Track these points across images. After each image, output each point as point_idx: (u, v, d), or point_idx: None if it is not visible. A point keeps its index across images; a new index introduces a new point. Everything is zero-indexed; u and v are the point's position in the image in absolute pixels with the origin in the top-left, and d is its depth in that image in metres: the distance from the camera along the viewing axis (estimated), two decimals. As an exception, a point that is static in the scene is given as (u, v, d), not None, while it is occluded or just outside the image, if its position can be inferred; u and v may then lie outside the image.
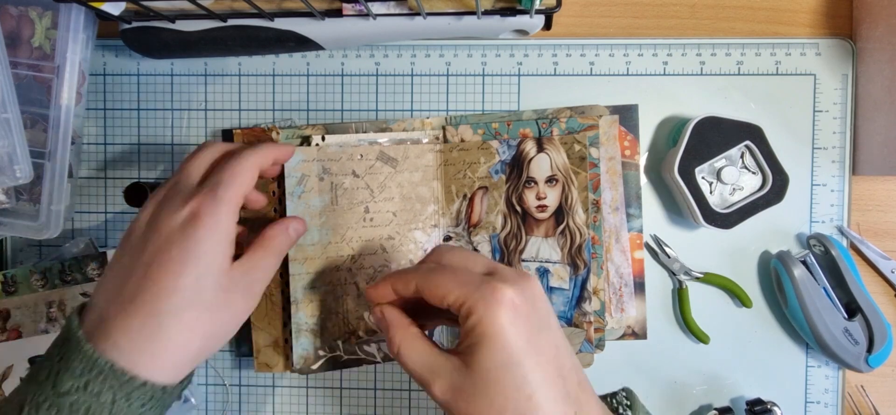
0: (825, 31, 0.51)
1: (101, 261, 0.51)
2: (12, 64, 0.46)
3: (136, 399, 0.34)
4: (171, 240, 0.36)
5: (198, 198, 0.37)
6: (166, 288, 0.35)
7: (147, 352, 0.34)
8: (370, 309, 0.40)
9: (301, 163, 0.45)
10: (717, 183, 0.48)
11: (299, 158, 0.45)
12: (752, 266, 0.51)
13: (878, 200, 0.51)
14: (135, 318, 0.34)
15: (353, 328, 0.49)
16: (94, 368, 0.33)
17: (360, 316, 0.49)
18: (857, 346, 0.48)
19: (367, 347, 0.49)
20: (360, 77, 0.52)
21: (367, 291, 0.40)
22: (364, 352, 0.49)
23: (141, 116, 0.53)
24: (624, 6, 0.52)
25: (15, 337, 0.52)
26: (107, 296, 0.36)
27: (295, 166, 0.44)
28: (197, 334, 0.36)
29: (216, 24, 0.48)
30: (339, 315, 0.49)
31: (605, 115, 0.50)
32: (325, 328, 0.49)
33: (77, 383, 0.33)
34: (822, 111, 0.50)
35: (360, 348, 0.49)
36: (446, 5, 0.47)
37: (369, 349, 0.49)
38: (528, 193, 0.49)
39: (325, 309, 0.49)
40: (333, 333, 0.49)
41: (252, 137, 0.52)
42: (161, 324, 0.35)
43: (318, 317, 0.48)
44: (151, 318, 0.35)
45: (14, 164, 0.43)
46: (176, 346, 0.35)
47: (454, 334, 0.51)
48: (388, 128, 0.51)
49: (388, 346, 0.38)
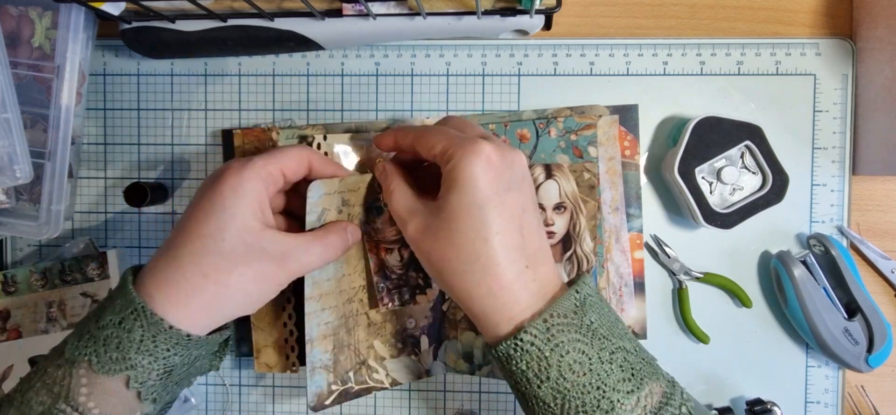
0: (825, 31, 0.51)
1: (101, 261, 0.51)
2: (12, 64, 0.46)
3: (161, 341, 0.37)
4: (201, 194, 0.39)
5: (232, 161, 0.40)
6: (190, 235, 0.38)
7: (172, 296, 0.37)
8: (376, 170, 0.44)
9: (323, 197, 0.43)
10: (717, 183, 0.48)
11: (321, 191, 0.43)
12: (752, 266, 0.51)
13: (878, 200, 0.51)
14: (163, 262, 0.38)
15: (363, 359, 0.48)
16: (130, 306, 0.37)
17: (370, 345, 0.48)
18: (857, 346, 0.48)
19: (376, 375, 0.49)
20: (360, 77, 0.52)
21: (375, 138, 0.44)
22: (373, 380, 0.49)
23: (141, 116, 0.53)
24: (624, 6, 0.52)
25: (15, 337, 0.52)
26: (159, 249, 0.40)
27: (316, 201, 0.43)
28: (212, 281, 0.38)
29: (216, 24, 0.48)
30: (351, 347, 0.48)
31: (605, 115, 0.50)
32: (339, 362, 0.47)
33: (114, 318, 0.37)
34: (822, 111, 0.50)
35: (369, 377, 0.49)
36: (446, 5, 0.47)
37: (378, 376, 0.49)
38: None
39: (339, 343, 0.47)
40: (346, 365, 0.48)
41: (252, 137, 0.51)
42: (180, 266, 0.38)
43: (332, 351, 0.47)
44: (174, 262, 0.38)
45: (14, 164, 0.43)
46: (193, 288, 0.37)
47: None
48: (388, 128, 0.51)
49: (385, 195, 0.42)
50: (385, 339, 0.49)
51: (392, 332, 0.49)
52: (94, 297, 0.51)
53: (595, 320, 0.36)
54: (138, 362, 0.36)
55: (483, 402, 0.52)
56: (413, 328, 0.49)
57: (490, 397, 0.52)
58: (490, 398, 0.52)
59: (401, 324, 0.49)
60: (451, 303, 0.50)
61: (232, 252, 0.38)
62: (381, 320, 0.49)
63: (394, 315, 0.49)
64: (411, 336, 0.49)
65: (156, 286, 0.38)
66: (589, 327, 0.36)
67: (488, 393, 0.52)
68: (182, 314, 0.37)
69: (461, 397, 0.53)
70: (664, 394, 0.36)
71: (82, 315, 0.51)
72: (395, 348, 0.49)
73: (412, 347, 0.50)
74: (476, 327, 0.39)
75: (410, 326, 0.49)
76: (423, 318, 0.49)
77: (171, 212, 0.53)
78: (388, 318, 0.49)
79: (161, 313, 0.37)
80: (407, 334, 0.49)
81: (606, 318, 0.37)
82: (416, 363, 0.50)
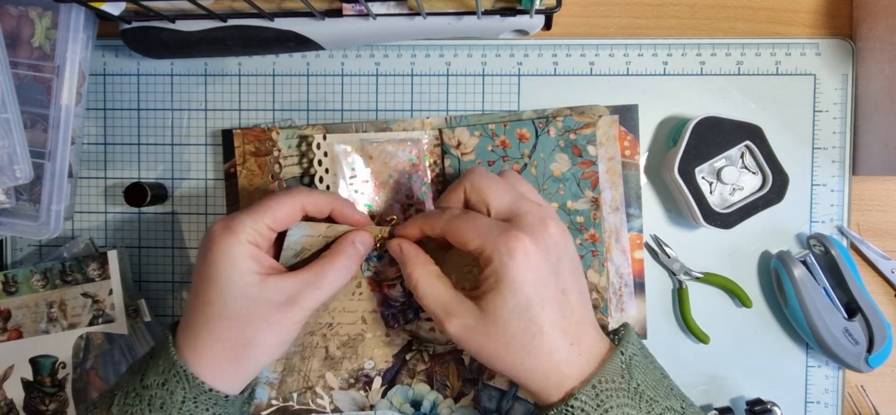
0: (825, 31, 0.51)
1: (101, 261, 0.51)
2: (12, 64, 0.46)
3: (202, 402, 0.38)
4: (198, 260, 0.41)
5: (220, 222, 0.40)
6: (200, 302, 0.40)
7: (206, 358, 0.39)
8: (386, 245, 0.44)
9: (305, 238, 0.43)
10: (717, 183, 0.48)
11: (304, 232, 0.42)
12: (752, 266, 0.51)
13: (878, 200, 0.51)
14: (194, 325, 0.40)
15: (310, 385, 0.50)
16: (172, 368, 0.38)
17: (321, 375, 0.50)
18: (857, 346, 0.48)
19: (319, 401, 0.50)
20: (360, 77, 0.52)
21: (397, 229, 0.44)
22: (316, 405, 0.50)
23: (141, 116, 0.53)
24: (624, 6, 0.52)
25: (15, 337, 0.52)
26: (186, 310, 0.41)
27: (297, 240, 0.42)
28: (229, 343, 0.39)
29: (216, 24, 0.48)
30: (301, 373, 0.50)
31: (605, 115, 0.50)
32: (285, 383, 0.50)
33: (158, 379, 0.38)
34: (822, 111, 0.50)
35: (312, 401, 0.50)
36: (446, 5, 0.47)
37: (322, 402, 0.50)
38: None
39: (290, 367, 0.50)
40: (291, 387, 0.50)
41: (252, 137, 0.51)
42: (198, 335, 0.39)
43: (281, 373, 0.49)
44: (193, 329, 0.40)
45: (14, 164, 0.43)
46: (215, 353, 0.39)
47: None
48: (388, 128, 0.51)
49: (406, 280, 0.41)
50: (338, 373, 0.50)
51: (349, 369, 0.50)
52: (94, 297, 0.51)
53: (642, 382, 0.37)
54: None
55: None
56: (371, 370, 0.50)
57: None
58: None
59: (359, 364, 0.50)
60: (415, 354, 0.50)
61: (240, 312, 0.39)
62: (340, 356, 0.50)
63: (356, 355, 0.50)
64: (366, 375, 0.50)
65: (194, 351, 0.39)
66: (636, 389, 0.37)
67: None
68: (218, 376, 0.39)
69: (461, 397, 0.53)
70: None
71: (82, 315, 0.51)
72: (347, 382, 0.50)
73: (364, 384, 0.50)
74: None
75: (368, 366, 0.50)
76: (383, 362, 0.50)
77: (171, 212, 0.53)
78: (349, 355, 0.50)
79: (200, 374, 0.39)
80: (362, 373, 0.50)
81: (652, 376, 0.38)
82: (363, 398, 0.51)
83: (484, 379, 0.50)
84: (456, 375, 0.50)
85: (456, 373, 0.50)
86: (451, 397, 0.50)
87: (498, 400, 0.50)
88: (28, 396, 0.52)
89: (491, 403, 0.50)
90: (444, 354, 0.50)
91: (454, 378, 0.50)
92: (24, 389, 0.52)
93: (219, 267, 0.39)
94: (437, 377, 0.50)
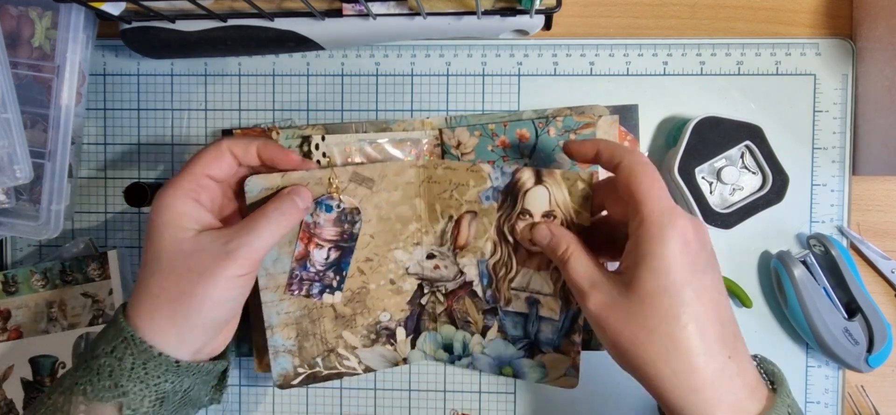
0: (825, 31, 0.51)
1: (101, 261, 0.51)
2: (12, 64, 0.46)
3: (151, 368, 0.38)
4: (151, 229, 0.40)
5: (169, 183, 0.41)
6: (144, 264, 0.40)
7: (155, 323, 0.38)
8: (530, 232, 0.44)
9: (263, 191, 0.44)
10: (717, 183, 0.48)
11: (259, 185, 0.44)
12: (752, 266, 0.51)
13: (878, 200, 0.51)
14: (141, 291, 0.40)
15: (331, 347, 0.49)
16: (120, 335, 0.38)
17: (338, 335, 0.49)
18: (857, 346, 0.48)
19: (347, 362, 0.49)
20: (360, 77, 0.52)
21: (567, 144, 0.43)
22: (344, 366, 0.49)
23: (141, 116, 0.53)
24: (624, 6, 0.52)
25: (15, 337, 0.52)
26: None
27: (255, 194, 0.43)
28: (164, 299, 0.39)
29: (216, 24, 0.48)
30: (316, 336, 0.48)
31: (605, 115, 0.50)
32: (303, 348, 0.48)
33: (107, 347, 0.38)
34: (822, 111, 0.50)
35: (339, 363, 0.49)
36: (446, 5, 0.47)
37: (350, 363, 0.49)
38: (521, 222, 0.46)
39: (302, 331, 0.48)
40: (312, 352, 0.49)
41: (253, 136, 0.51)
42: (139, 297, 0.39)
43: (296, 339, 0.48)
44: (137, 294, 0.40)
45: (14, 164, 0.43)
46: (165, 312, 0.39)
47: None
48: (388, 128, 0.51)
49: (559, 262, 0.40)
50: (355, 330, 0.49)
51: (365, 324, 0.49)
52: (94, 297, 0.51)
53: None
54: (130, 389, 0.37)
55: (483, 401, 0.52)
56: (388, 321, 0.50)
57: (490, 396, 0.52)
58: (490, 398, 0.52)
59: (374, 318, 0.49)
60: (430, 296, 0.50)
61: (174, 266, 0.39)
62: (350, 313, 0.49)
63: (366, 308, 0.49)
64: (386, 328, 0.50)
65: (139, 315, 0.39)
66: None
67: (488, 393, 0.52)
68: (161, 339, 0.38)
69: (461, 397, 0.53)
70: None
71: (82, 315, 0.51)
72: (368, 339, 0.49)
73: (387, 338, 0.50)
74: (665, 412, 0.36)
75: (384, 319, 0.49)
76: (398, 311, 0.50)
77: (171, 212, 0.53)
78: (359, 311, 0.49)
79: (150, 340, 0.38)
80: (381, 327, 0.50)
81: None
82: (393, 353, 0.50)
83: (502, 306, 0.48)
84: (475, 308, 0.49)
85: (474, 306, 0.49)
86: (477, 332, 0.49)
87: (523, 326, 0.48)
88: (28, 396, 0.52)
89: (516, 329, 0.48)
90: (455, 290, 0.49)
91: (474, 312, 0.49)
92: (23, 389, 0.52)
93: (155, 224, 0.39)
94: (458, 315, 0.49)
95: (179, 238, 0.39)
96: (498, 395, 0.53)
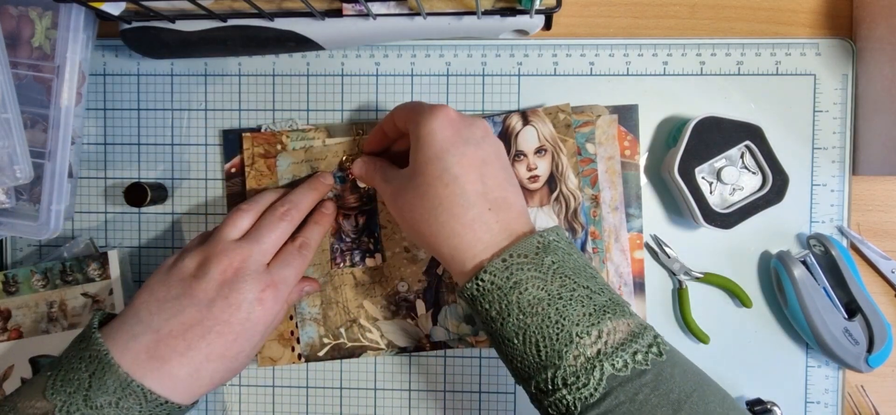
0: (825, 31, 0.51)
1: (101, 261, 0.51)
2: (12, 64, 0.46)
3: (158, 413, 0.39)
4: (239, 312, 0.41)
5: (269, 286, 0.43)
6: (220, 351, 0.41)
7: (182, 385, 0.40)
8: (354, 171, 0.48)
9: (291, 165, 0.48)
10: (717, 183, 0.48)
11: (288, 160, 0.49)
12: (752, 266, 0.51)
13: (878, 200, 0.51)
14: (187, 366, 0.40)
15: (353, 317, 0.50)
16: (128, 389, 0.38)
17: (359, 304, 0.50)
18: (857, 346, 0.48)
19: (369, 334, 0.50)
20: (360, 77, 0.52)
21: (364, 142, 0.49)
22: (367, 339, 0.50)
23: (141, 116, 0.53)
24: (624, 6, 0.52)
25: (16, 337, 0.52)
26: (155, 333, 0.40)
27: (285, 169, 0.48)
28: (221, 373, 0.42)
29: (216, 24, 0.48)
30: (339, 304, 0.50)
31: (604, 114, 0.50)
32: (328, 317, 0.50)
33: (110, 398, 0.38)
34: (822, 111, 0.50)
35: (362, 335, 0.50)
36: (446, 5, 0.47)
37: (372, 336, 0.50)
38: (519, 165, 0.50)
39: (326, 299, 0.50)
40: (336, 321, 0.50)
41: (261, 140, 0.51)
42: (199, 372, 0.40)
43: (321, 306, 0.50)
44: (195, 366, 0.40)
45: (14, 164, 0.43)
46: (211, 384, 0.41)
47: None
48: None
49: (368, 180, 0.47)
50: (375, 300, 0.50)
51: (383, 294, 0.50)
52: (95, 297, 0.51)
53: (556, 261, 0.37)
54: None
55: (483, 401, 0.52)
56: (406, 292, 0.50)
57: (490, 396, 0.52)
58: (490, 398, 0.52)
59: (392, 287, 0.50)
60: None
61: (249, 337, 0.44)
62: (369, 281, 0.50)
63: (383, 278, 0.50)
64: (405, 300, 0.50)
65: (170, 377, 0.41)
66: (550, 266, 0.37)
67: (489, 393, 0.52)
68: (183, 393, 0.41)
69: (461, 397, 0.53)
70: (631, 332, 0.36)
71: (83, 315, 0.51)
72: (388, 310, 0.50)
73: (407, 311, 0.50)
74: (450, 274, 0.41)
75: (402, 289, 0.50)
76: (416, 282, 0.50)
77: (171, 212, 0.53)
78: (377, 279, 0.50)
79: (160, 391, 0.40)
80: (400, 297, 0.50)
81: (572, 261, 0.38)
82: (415, 328, 0.50)
83: None
84: None
85: None
86: None
87: None
88: (28, 396, 0.51)
89: None
90: None
91: None
92: (24, 389, 0.52)
93: (259, 330, 0.43)
94: None
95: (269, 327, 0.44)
96: (498, 395, 0.53)
